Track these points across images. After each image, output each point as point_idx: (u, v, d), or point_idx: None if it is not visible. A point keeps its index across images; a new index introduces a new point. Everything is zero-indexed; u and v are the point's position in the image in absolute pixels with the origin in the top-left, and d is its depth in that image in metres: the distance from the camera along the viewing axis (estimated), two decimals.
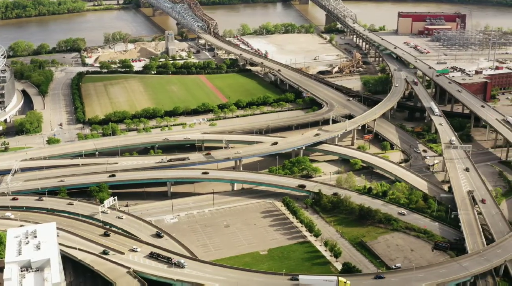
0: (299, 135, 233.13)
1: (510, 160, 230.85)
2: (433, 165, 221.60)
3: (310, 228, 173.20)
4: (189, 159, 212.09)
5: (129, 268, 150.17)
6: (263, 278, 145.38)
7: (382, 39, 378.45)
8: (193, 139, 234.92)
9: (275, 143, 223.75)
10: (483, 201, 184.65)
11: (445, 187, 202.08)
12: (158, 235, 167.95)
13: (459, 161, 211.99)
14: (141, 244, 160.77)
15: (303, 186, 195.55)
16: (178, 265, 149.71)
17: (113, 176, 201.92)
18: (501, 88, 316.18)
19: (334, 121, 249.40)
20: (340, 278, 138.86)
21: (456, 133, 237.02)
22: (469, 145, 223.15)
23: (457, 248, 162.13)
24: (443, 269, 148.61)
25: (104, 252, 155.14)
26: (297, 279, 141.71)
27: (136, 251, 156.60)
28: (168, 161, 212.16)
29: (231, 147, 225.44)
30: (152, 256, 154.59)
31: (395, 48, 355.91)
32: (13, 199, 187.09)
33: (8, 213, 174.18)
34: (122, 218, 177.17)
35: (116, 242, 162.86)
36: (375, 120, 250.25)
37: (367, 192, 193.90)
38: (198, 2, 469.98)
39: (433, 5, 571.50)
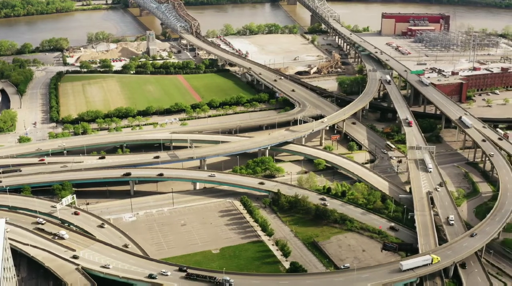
0: (265, 135, 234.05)
1: (478, 161, 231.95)
2: (389, 149, 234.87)
3: (264, 227, 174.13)
4: (21, 171, 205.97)
5: (78, 265, 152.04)
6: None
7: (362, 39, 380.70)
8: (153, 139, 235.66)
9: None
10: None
11: (407, 188, 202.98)
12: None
13: (423, 162, 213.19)
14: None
15: (161, 174, 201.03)
16: (223, 284, 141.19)
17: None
18: (478, 89, 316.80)
19: (306, 122, 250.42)
20: (433, 255, 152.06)
21: (423, 134, 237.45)
22: (433, 145, 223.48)
23: (406, 249, 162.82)
24: (387, 269, 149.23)
25: (151, 276, 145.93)
26: None
27: (167, 275, 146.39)
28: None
29: (195, 146, 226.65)
30: (190, 277, 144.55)
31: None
32: (75, 213, 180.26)
33: (62, 231, 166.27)
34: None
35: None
36: (344, 120, 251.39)
37: (326, 192, 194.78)
38: (186, 2, 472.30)
39: (422, 6, 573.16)
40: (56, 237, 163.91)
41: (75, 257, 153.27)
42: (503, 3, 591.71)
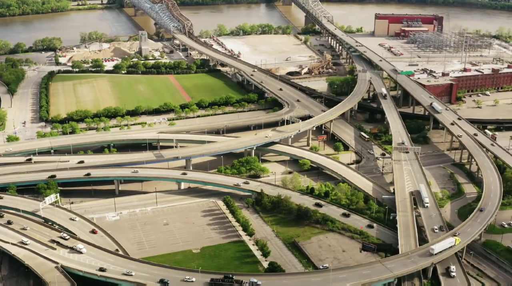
0: (252, 136, 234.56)
1: (464, 162, 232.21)
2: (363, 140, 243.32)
3: (245, 227, 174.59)
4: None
5: (57, 263, 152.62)
6: (178, 275, 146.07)
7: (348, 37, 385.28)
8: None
9: None
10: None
11: (392, 189, 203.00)
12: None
13: (407, 162, 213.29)
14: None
15: (88, 174, 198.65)
16: None
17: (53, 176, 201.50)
18: (469, 91, 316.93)
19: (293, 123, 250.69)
20: (455, 237, 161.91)
21: (409, 135, 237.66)
22: (418, 146, 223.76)
23: (385, 249, 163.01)
24: (367, 270, 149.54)
25: (162, 281, 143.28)
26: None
27: (192, 281, 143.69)
28: None
29: (182, 146, 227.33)
30: (215, 282, 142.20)
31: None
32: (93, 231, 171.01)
33: (79, 245, 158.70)
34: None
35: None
36: (331, 121, 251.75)
37: (310, 192, 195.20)
38: (181, 3, 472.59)
39: (417, 7, 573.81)
40: (74, 251, 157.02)
41: (102, 269, 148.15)
42: (499, 4, 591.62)
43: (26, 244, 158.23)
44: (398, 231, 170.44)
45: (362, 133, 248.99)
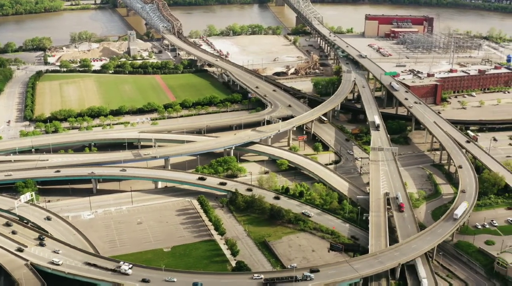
0: (231, 135, 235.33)
1: (444, 163, 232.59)
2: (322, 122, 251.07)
3: (217, 226, 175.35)
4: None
5: (27, 260, 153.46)
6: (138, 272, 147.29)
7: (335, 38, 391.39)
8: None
9: None
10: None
11: (368, 189, 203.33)
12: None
13: (384, 163, 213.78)
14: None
15: None
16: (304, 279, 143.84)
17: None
18: (454, 91, 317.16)
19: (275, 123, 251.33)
20: (465, 202, 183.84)
21: (388, 136, 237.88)
22: (395, 147, 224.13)
23: (353, 249, 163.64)
24: (332, 270, 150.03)
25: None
26: None
27: (260, 278, 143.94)
28: None
29: (163, 146, 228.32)
30: (269, 282, 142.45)
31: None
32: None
33: (124, 266, 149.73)
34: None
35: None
36: (312, 121, 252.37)
37: (284, 192, 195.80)
38: (174, 3, 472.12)
39: (410, 8, 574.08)
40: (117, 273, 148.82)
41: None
42: (492, 5, 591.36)
43: (59, 265, 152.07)
44: (369, 231, 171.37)
45: (322, 117, 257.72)
